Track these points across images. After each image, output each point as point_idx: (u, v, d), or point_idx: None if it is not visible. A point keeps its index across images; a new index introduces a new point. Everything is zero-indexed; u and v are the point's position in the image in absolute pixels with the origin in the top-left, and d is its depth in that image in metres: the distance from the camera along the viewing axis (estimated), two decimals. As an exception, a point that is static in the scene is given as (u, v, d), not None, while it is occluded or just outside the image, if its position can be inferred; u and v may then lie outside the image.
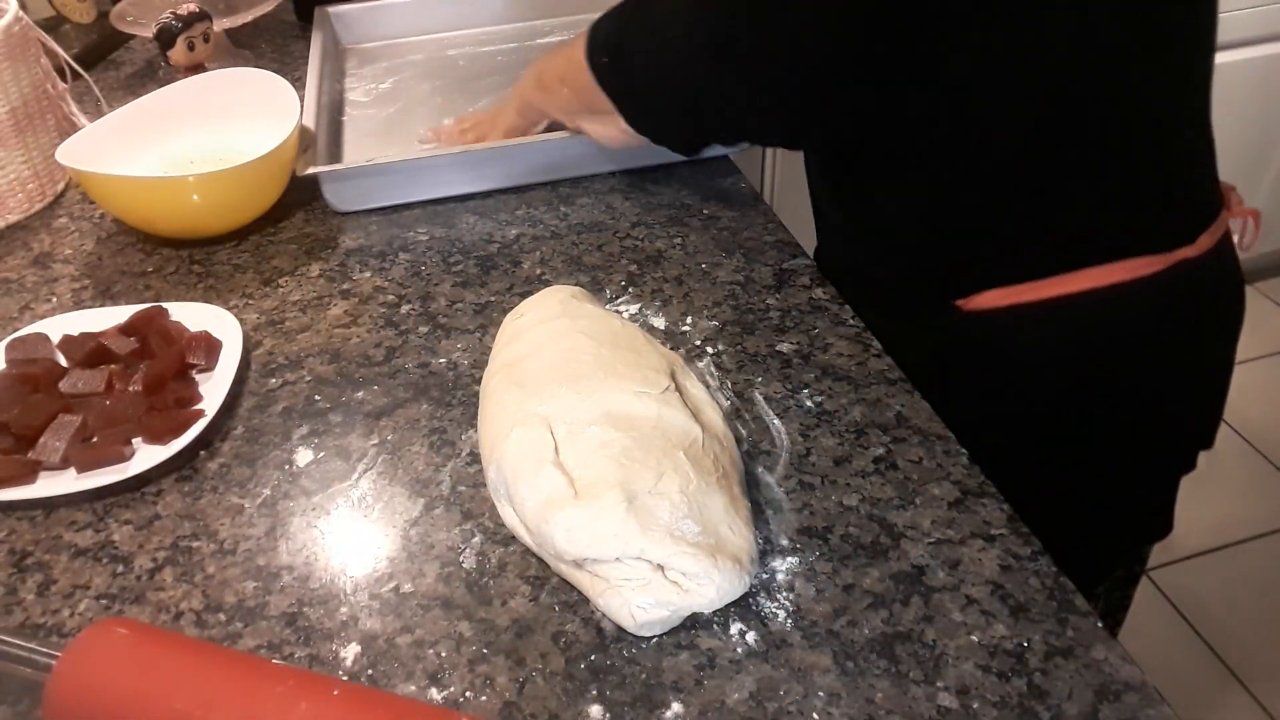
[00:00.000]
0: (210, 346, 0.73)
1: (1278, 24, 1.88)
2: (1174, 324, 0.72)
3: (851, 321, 0.75)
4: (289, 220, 0.91)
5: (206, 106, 0.97)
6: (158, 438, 0.66)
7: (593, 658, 0.53)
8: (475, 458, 0.65)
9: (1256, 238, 0.77)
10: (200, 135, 0.97)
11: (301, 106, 0.92)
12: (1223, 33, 0.68)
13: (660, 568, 0.52)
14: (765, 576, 0.56)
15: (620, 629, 0.54)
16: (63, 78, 1.01)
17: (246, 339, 0.76)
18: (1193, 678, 1.54)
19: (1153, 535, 0.86)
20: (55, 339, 0.74)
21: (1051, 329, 0.70)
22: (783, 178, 1.73)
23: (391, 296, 0.81)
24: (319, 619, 0.56)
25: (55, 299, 0.83)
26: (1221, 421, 0.82)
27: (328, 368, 0.74)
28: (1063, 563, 0.56)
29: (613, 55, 0.73)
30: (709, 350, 0.73)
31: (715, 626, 0.54)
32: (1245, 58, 1.89)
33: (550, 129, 0.92)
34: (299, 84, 0.98)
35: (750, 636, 0.53)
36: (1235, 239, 0.76)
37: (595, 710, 0.50)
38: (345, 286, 0.83)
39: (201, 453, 0.67)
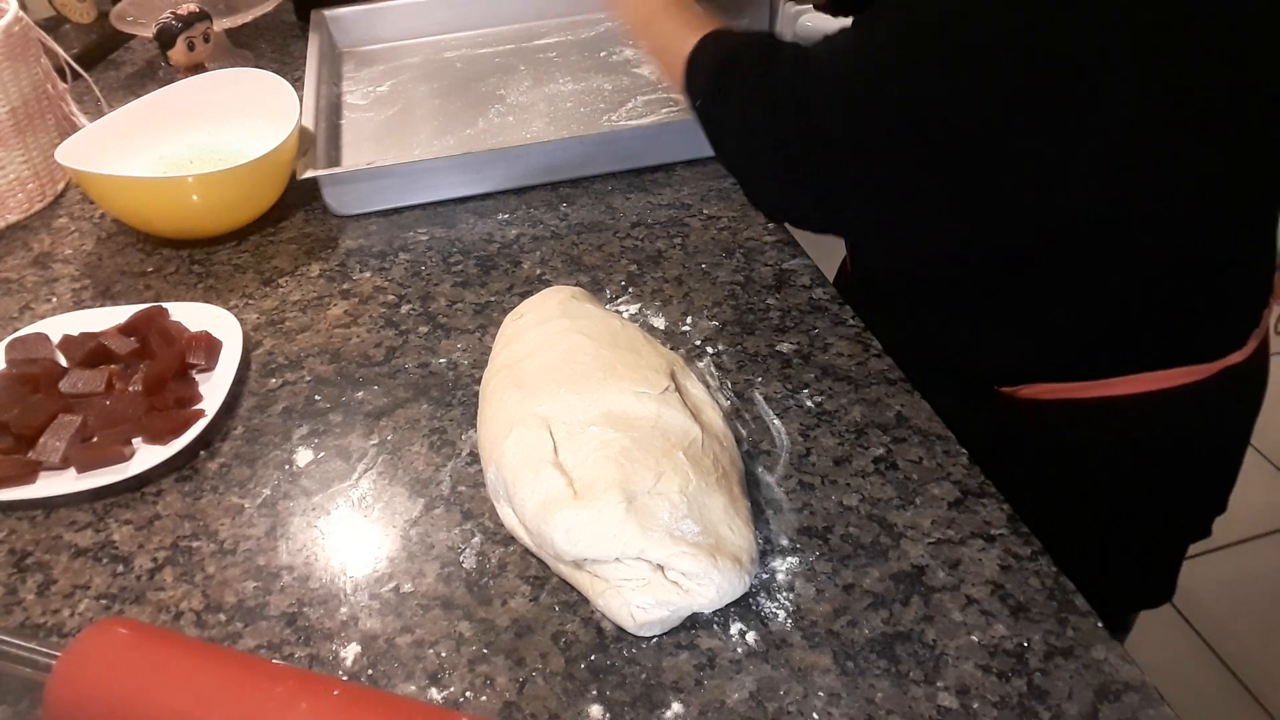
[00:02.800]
0: (210, 346, 0.73)
1: None
2: (1218, 424, 0.74)
3: (851, 321, 0.75)
4: (289, 220, 0.91)
5: (206, 106, 0.97)
6: (158, 438, 0.66)
7: (593, 658, 0.53)
8: (475, 458, 0.65)
9: None
10: (200, 135, 0.97)
11: (301, 107, 0.92)
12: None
13: (660, 568, 0.52)
14: (765, 576, 0.56)
15: (620, 629, 0.54)
16: (63, 78, 1.01)
17: (246, 339, 0.76)
18: (1193, 678, 1.54)
19: (1155, 601, 0.88)
20: (55, 339, 0.74)
21: (1096, 423, 0.71)
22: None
23: (391, 296, 0.81)
24: (319, 619, 0.56)
25: (55, 299, 0.83)
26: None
27: (328, 368, 0.74)
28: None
29: (705, 104, 0.71)
30: (709, 350, 0.73)
31: (715, 626, 0.54)
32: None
33: None
34: (299, 84, 0.98)
35: (750, 636, 0.53)
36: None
37: (595, 710, 0.50)
38: (345, 286, 0.83)
39: (201, 453, 0.67)
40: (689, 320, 0.76)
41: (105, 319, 0.76)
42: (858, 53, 0.60)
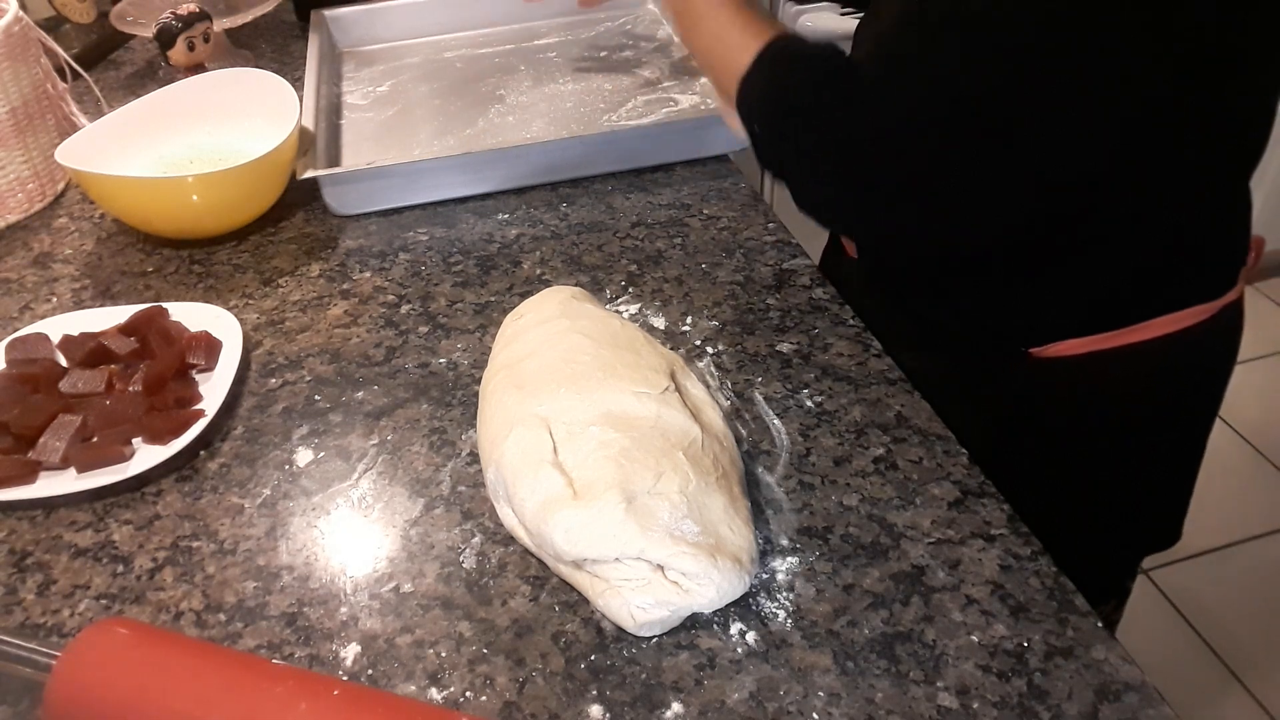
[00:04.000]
0: (210, 346, 0.73)
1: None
2: (1225, 358, 0.78)
3: (851, 321, 0.75)
4: (289, 220, 0.91)
5: (206, 106, 0.97)
6: (158, 438, 0.66)
7: (593, 658, 0.53)
8: (475, 458, 0.65)
9: (1257, 263, 0.79)
10: (200, 135, 0.97)
11: (301, 107, 0.92)
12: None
13: (660, 568, 0.52)
14: (765, 576, 0.56)
15: (620, 629, 0.54)
16: (63, 78, 1.01)
17: (246, 339, 0.76)
18: (1193, 678, 1.54)
19: (1165, 543, 0.89)
20: (55, 339, 0.74)
21: (1122, 371, 0.73)
22: (782, 178, 1.73)
23: (391, 296, 0.81)
24: (319, 619, 0.56)
25: (55, 299, 0.83)
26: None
27: (328, 368, 0.74)
28: (1082, 570, 0.58)
29: (763, 137, 0.69)
30: (709, 350, 0.73)
31: (715, 626, 0.54)
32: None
33: None
34: (299, 84, 0.98)
35: (750, 636, 0.53)
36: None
37: (595, 710, 0.50)
38: (345, 286, 0.83)
39: (201, 453, 0.67)
40: (689, 320, 0.76)
41: (105, 319, 0.76)
42: (915, 80, 0.60)
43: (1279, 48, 0.62)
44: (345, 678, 0.53)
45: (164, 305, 0.77)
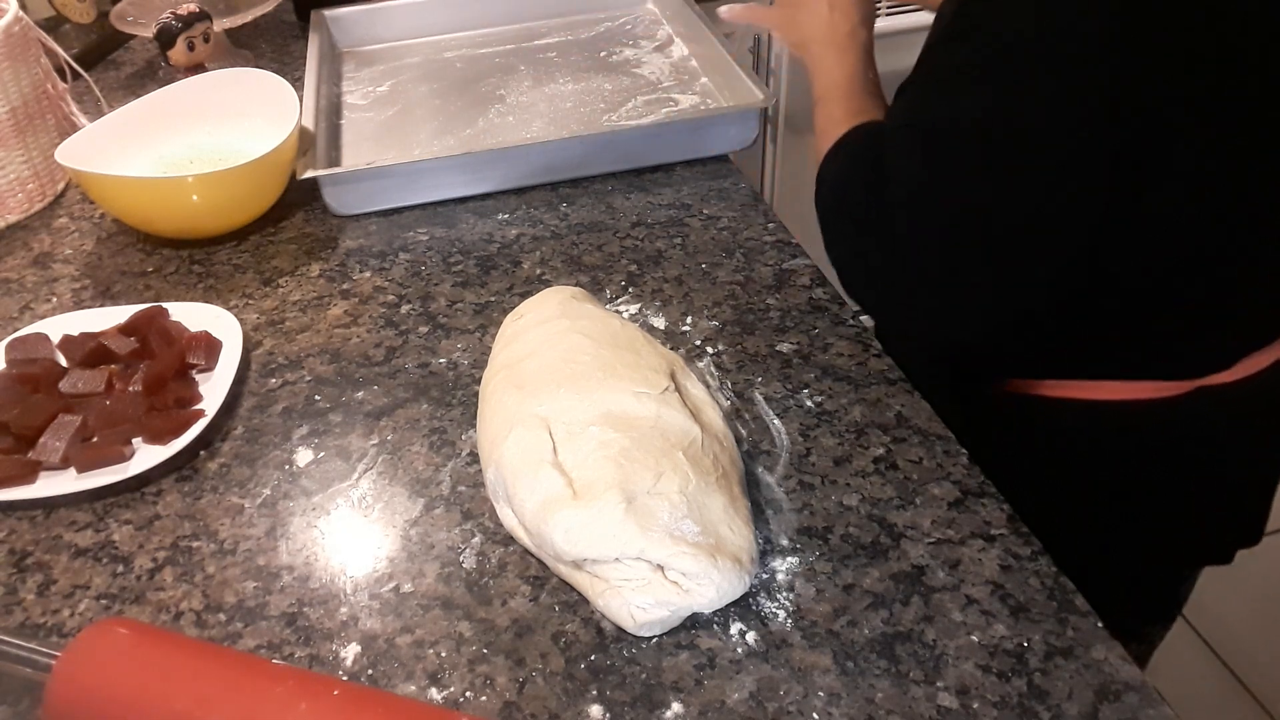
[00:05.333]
0: (210, 346, 0.73)
1: None
2: (1196, 442, 0.73)
3: (851, 321, 0.75)
4: (289, 220, 0.91)
5: (206, 106, 0.97)
6: (158, 438, 0.66)
7: (593, 658, 0.53)
8: (475, 458, 0.65)
9: None
10: (200, 135, 0.97)
11: (301, 107, 0.92)
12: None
13: (660, 568, 0.52)
14: (765, 576, 0.56)
15: (620, 629, 0.54)
16: (63, 78, 1.01)
17: (246, 339, 0.76)
18: (1193, 678, 1.54)
19: (1156, 617, 0.87)
20: (55, 339, 0.74)
21: (1069, 424, 0.73)
22: (783, 178, 1.73)
23: (391, 296, 0.81)
24: (319, 619, 0.56)
25: (55, 299, 0.83)
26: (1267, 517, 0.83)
27: (328, 368, 0.74)
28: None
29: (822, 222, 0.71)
30: (709, 350, 0.73)
31: (715, 626, 0.54)
32: None
33: None
34: (299, 84, 0.98)
35: (750, 636, 0.53)
36: None
37: (595, 710, 0.50)
38: (345, 286, 0.83)
39: (201, 453, 0.67)
40: (689, 320, 0.76)
41: (105, 319, 0.76)
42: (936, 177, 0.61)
43: None
44: (345, 678, 0.53)
45: (164, 305, 0.77)
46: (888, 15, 1.59)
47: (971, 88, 0.58)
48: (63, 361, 0.73)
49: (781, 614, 0.54)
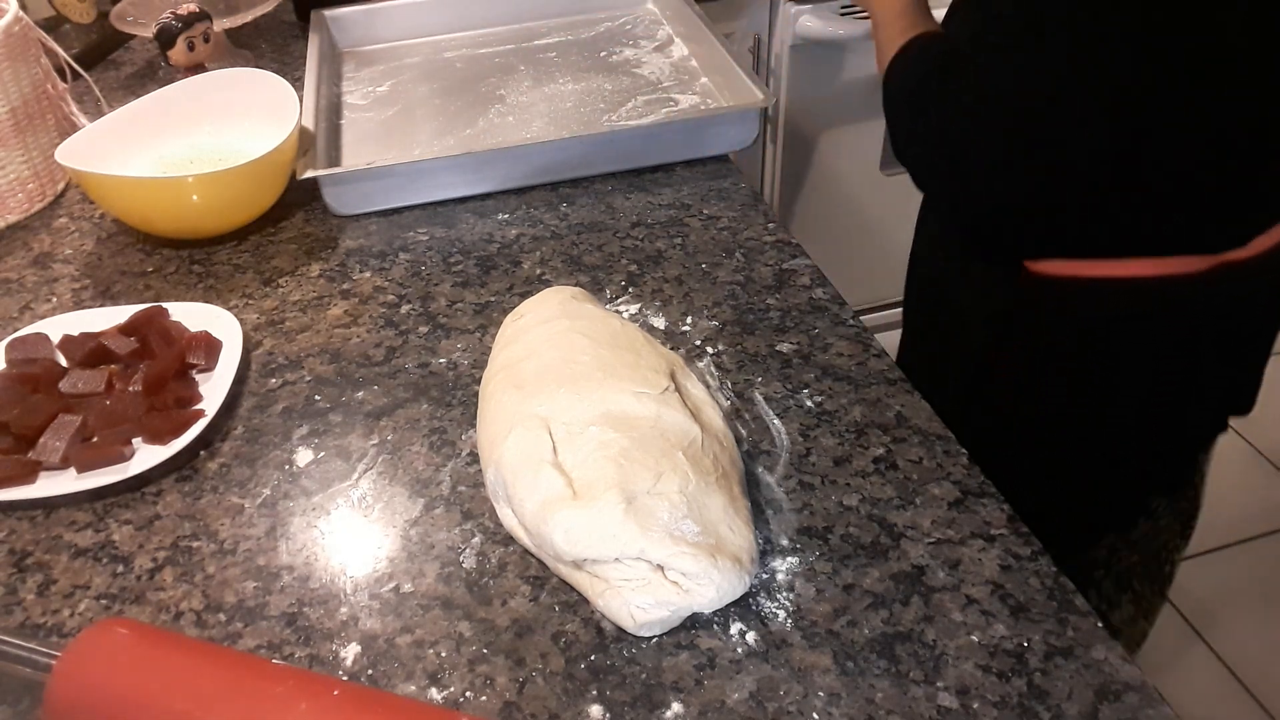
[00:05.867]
0: (210, 346, 0.73)
1: None
2: (1214, 316, 0.78)
3: (851, 321, 0.75)
4: (289, 220, 0.91)
5: (206, 106, 0.97)
6: (158, 438, 0.66)
7: (593, 658, 0.53)
8: (475, 458, 0.65)
9: None
10: (200, 135, 0.97)
11: (301, 107, 0.92)
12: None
13: (660, 568, 0.52)
14: (765, 576, 0.56)
15: (620, 629, 0.54)
16: (63, 78, 1.01)
17: (246, 339, 0.76)
18: (1193, 678, 1.54)
19: (1169, 488, 0.92)
20: (55, 339, 0.74)
21: (1103, 303, 0.77)
22: (783, 178, 1.73)
23: (391, 296, 0.81)
24: (319, 619, 0.56)
25: (55, 299, 0.83)
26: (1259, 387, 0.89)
27: (328, 368, 0.74)
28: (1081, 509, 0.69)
29: (890, 120, 0.81)
30: (709, 350, 0.73)
31: (715, 626, 0.54)
32: None
33: None
34: (299, 84, 0.98)
35: (750, 636, 0.53)
36: None
37: (595, 710, 0.50)
38: (345, 286, 0.83)
39: (201, 453, 0.67)
40: (689, 320, 0.76)
41: (105, 319, 0.76)
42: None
43: None
44: (345, 678, 0.53)
45: (164, 305, 0.77)
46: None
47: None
48: (63, 361, 0.73)
49: (781, 614, 0.54)
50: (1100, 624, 0.53)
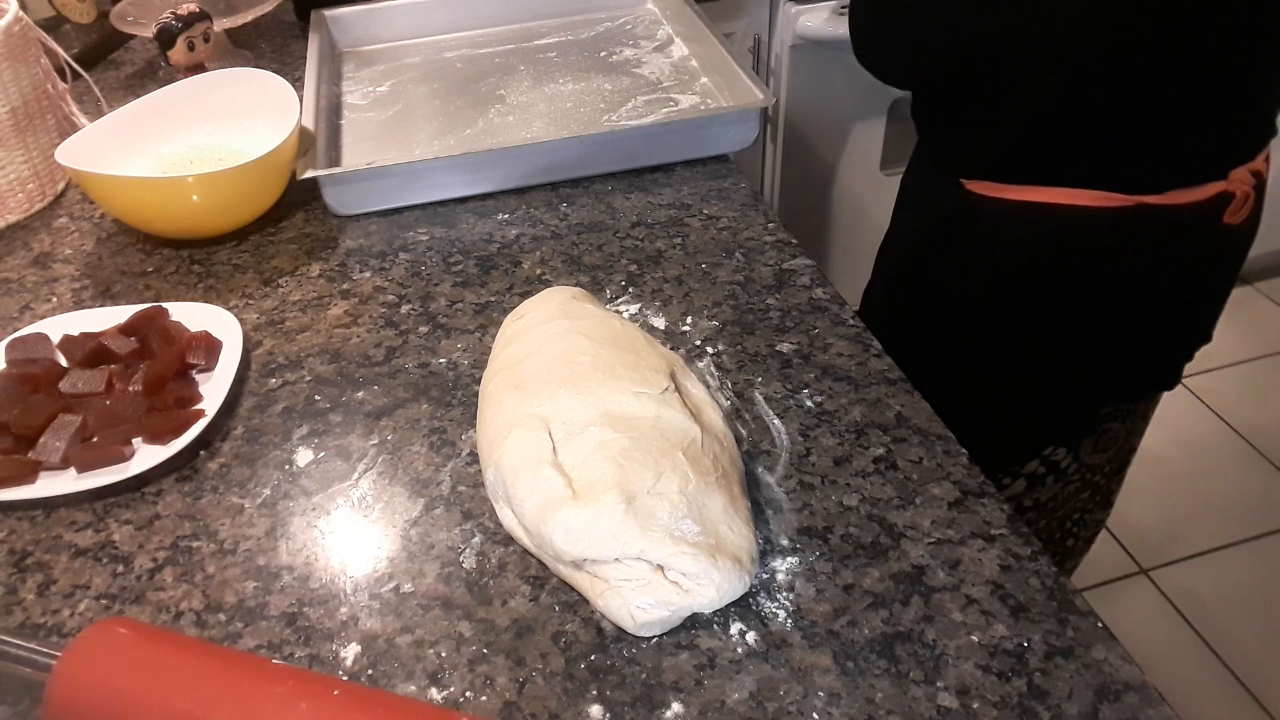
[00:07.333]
0: (210, 346, 0.73)
1: None
2: (1133, 250, 0.84)
3: (851, 321, 0.75)
4: (289, 220, 0.91)
5: (206, 106, 0.97)
6: (158, 438, 0.66)
7: (593, 658, 0.53)
8: (475, 458, 0.65)
9: (1243, 209, 0.83)
10: (200, 135, 0.97)
11: (301, 107, 0.92)
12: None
13: (660, 568, 0.52)
14: (765, 576, 0.56)
15: (620, 629, 0.54)
16: (63, 78, 1.01)
17: (246, 339, 0.76)
18: (1193, 678, 1.54)
19: (1063, 437, 0.98)
20: (55, 339, 0.74)
21: (1026, 227, 0.84)
22: (783, 178, 1.73)
23: (391, 296, 0.81)
24: (319, 619, 0.56)
25: (55, 299, 0.83)
26: (1216, 329, 0.94)
27: (328, 368, 0.74)
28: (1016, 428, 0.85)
29: None
30: (709, 350, 0.73)
31: (715, 626, 0.54)
32: None
33: None
34: (299, 84, 0.98)
35: (750, 636, 0.53)
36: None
37: (595, 710, 0.50)
38: (345, 286, 0.83)
39: (201, 453, 0.67)
40: (689, 320, 0.76)
41: (105, 319, 0.76)
42: None
43: None
44: (345, 678, 0.53)
45: (164, 305, 0.77)
46: None
47: None
48: (63, 361, 0.73)
49: (781, 614, 0.54)
50: (1100, 624, 0.53)
